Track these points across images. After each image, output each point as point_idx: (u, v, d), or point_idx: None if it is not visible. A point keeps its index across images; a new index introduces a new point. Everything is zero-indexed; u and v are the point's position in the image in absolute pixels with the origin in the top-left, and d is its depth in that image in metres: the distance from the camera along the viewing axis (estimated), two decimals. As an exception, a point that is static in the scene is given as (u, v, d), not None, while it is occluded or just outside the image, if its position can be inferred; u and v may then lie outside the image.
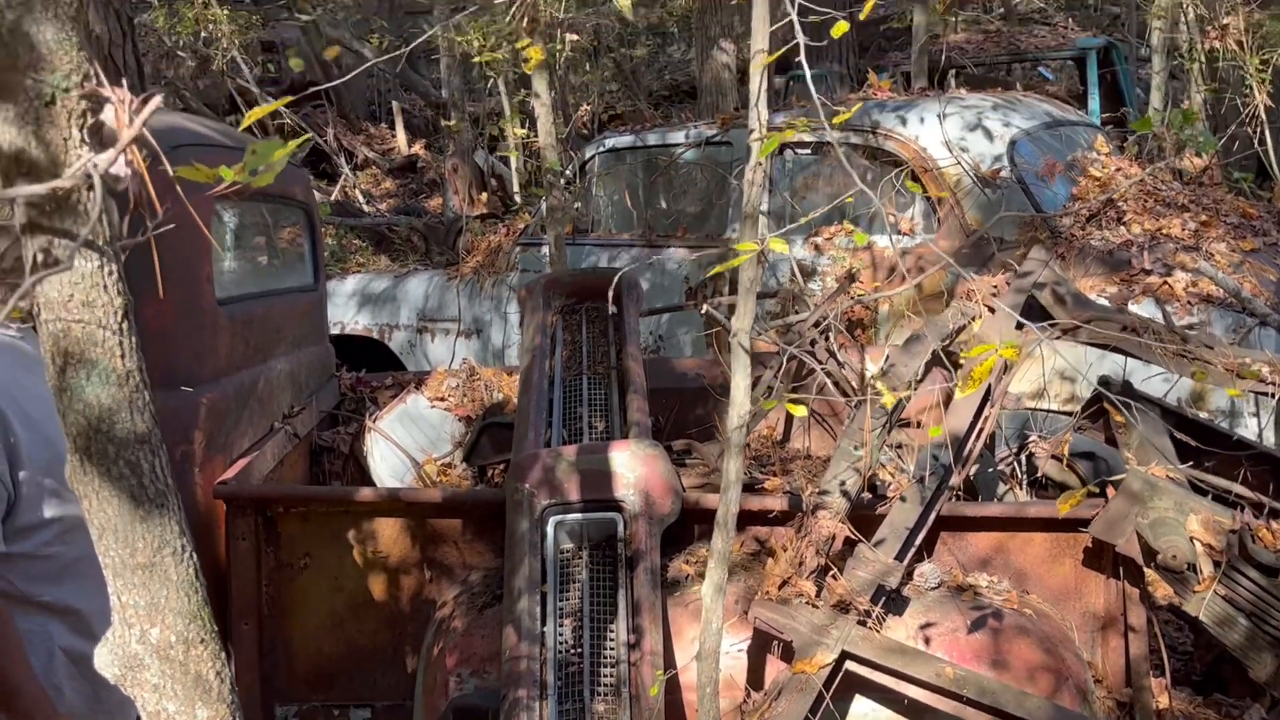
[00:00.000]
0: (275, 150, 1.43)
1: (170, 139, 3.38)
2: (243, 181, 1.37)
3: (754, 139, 2.33)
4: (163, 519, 1.44)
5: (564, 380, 3.87)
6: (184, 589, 1.47)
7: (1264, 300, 4.69)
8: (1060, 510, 2.77)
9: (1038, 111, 5.82)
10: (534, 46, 2.31)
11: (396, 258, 9.98)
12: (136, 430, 1.37)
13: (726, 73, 8.84)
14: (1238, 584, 3.03)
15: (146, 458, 1.39)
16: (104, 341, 1.30)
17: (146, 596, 1.43)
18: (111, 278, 1.30)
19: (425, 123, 15.24)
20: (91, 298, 1.28)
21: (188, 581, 1.48)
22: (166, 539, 1.45)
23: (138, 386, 1.38)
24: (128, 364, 1.35)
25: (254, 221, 4.46)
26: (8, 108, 1.17)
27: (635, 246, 6.15)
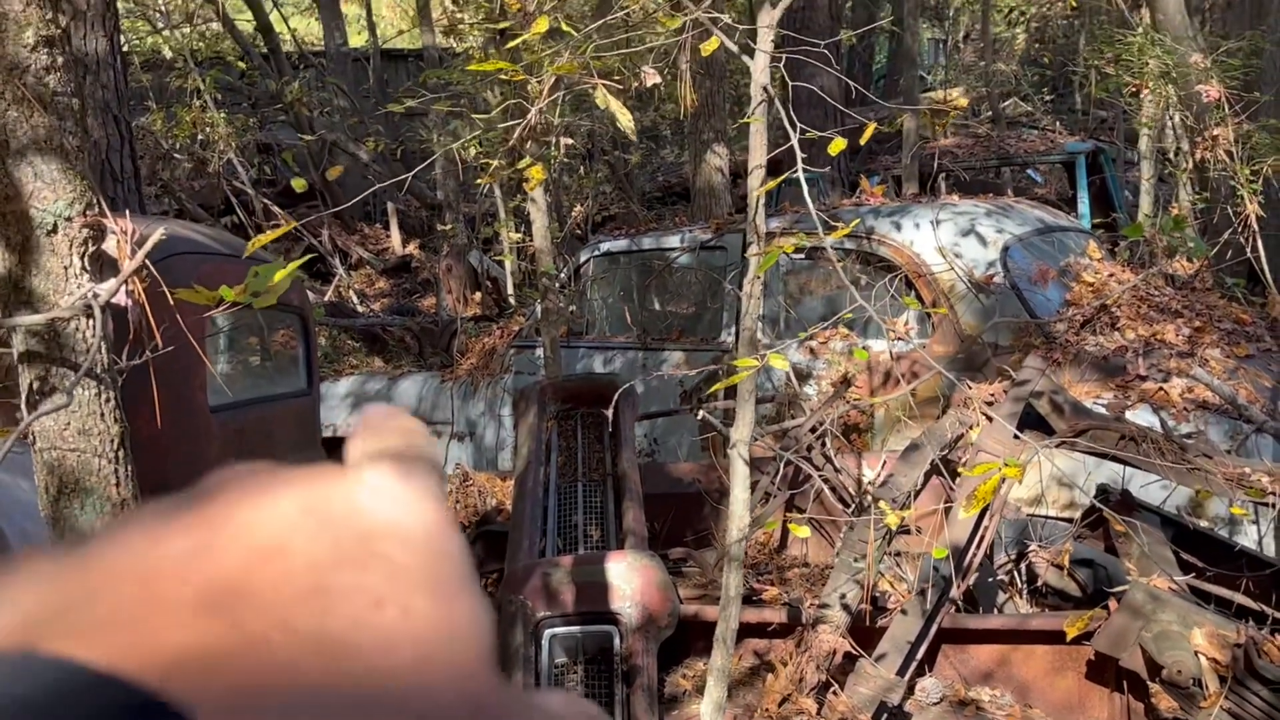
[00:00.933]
0: (276, 272, 1.42)
1: (162, 250, 3.37)
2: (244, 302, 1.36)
3: (752, 253, 2.33)
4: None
5: (559, 487, 3.84)
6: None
7: (1260, 407, 4.68)
8: (1069, 632, 2.73)
9: (1030, 217, 5.87)
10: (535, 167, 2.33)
11: (390, 359, 9.97)
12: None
13: (719, 176, 8.93)
14: (1245, 700, 2.98)
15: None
16: (99, 470, 1.27)
17: None
18: (109, 405, 1.28)
19: (420, 223, 15.34)
20: (88, 426, 1.25)
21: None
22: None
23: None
24: (123, 492, 1.31)
25: (247, 326, 4.45)
26: (9, 235, 1.16)
27: (630, 349, 6.15)
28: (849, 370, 5.21)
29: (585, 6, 9.19)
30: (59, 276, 1.23)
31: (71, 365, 1.25)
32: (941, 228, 5.49)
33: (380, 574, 0.34)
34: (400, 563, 0.35)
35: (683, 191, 15.82)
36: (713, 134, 8.86)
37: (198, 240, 3.65)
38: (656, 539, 4.31)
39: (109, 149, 5.51)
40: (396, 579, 0.34)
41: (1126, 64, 5.49)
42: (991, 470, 1.90)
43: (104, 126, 5.52)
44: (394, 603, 0.34)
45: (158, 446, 3.22)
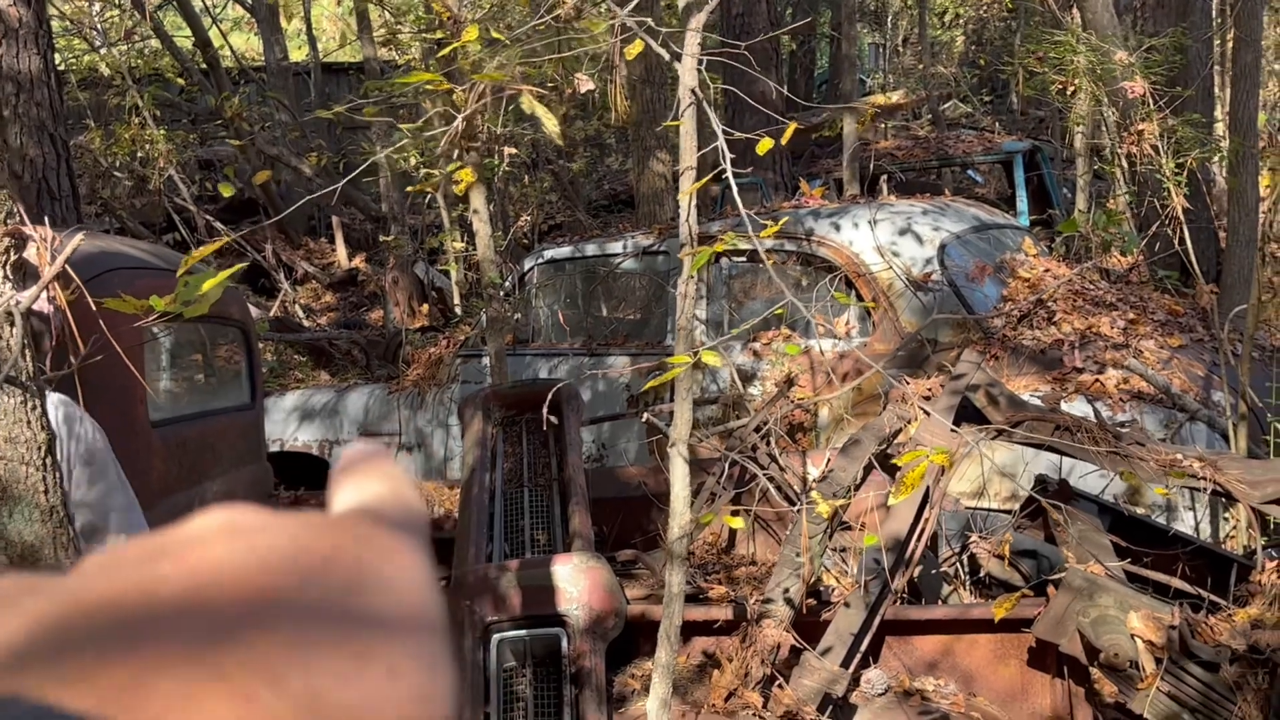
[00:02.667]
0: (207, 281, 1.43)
1: (97, 265, 3.36)
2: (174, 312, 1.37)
3: (685, 253, 2.37)
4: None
5: (505, 493, 3.85)
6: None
7: (1193, 396, 4.78)
8: (996, 614, 2.78)
9: (966, 215, 5.96)
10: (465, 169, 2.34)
11: (337, 372, 9.93)
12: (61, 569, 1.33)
13: (662, 182, 8.98)
14: (1181, 680, 3.04)
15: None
16: (27, 478, 1.28)
17: None
18: (35, 413, 1.29)
19: (365, 236, 15.27)
20: (14, 434, 1.26)
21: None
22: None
23: (61, 522, 1.35)
24: (51, 499, 1.32)
25: (189, 341, 4.43)
26: (-70, 246, 1.17)
27: (576, 355, 6.17)
28: (792, 370, 5.26)
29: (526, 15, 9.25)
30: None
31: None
32: (879, 227, 5.56)
33: (366, 629, 0.34)
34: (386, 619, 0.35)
35: (628, 199, 15.87)
36: (655, 141, 8.91)
37: (134, 255, 3.63)
38: (605, 542, 4.33)
39: (45, 167, 5.46)
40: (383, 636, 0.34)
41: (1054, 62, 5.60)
42: (920, 457, 1.94)
43: (40, 145, 5.47)
44: (380, 660, 0.33)
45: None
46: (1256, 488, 3.43)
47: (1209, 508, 4.59)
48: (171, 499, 3.59)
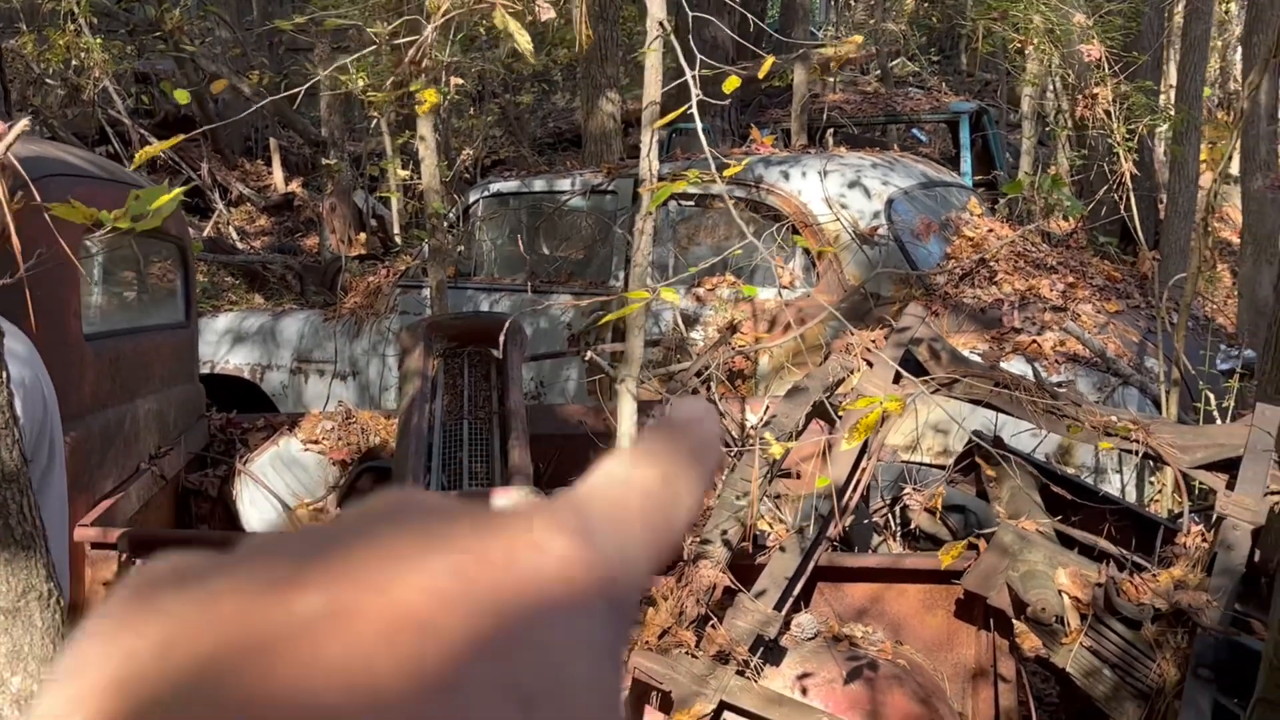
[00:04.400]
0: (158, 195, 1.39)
1: (39, 168, 3.26)
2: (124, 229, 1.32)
3: (645, 189, 2.34)
4: (29, 562, 1.36)
5: (444, 425, 3.82)
6: (49, 635, 1.39)
7: (1127, 361, 4.86)
8: (943, 561, 2.82)
9: (914, 172, 5.97)
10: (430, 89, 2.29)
11: (271, 296, 9.78)
12: (4, 468, 1.30)
13: (611, 122, 8.90)
14: (1103, 636, 3.11)
15: (14, 497, 1.32)
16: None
17: (8, 643, 1.35)
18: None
19: (303, 160, 15.02)
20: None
21: (54, 628, 1.40)
22: (32, 583, 1.37)
23: (7, 423, 1.31)
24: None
25: (124, 256, 4.33)
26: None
27: (518, 292, 6.13)
28: (735, 316, 5.27)
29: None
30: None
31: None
32: (829, 179, 5.56)
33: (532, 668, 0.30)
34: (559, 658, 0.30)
35: (574, 138, 15.75)
36: (606, 80, 8.82)
37: (72, 162, 3.52)
38: (542, 478, 4.32)
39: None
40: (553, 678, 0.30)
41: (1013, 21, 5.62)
42: (873, 404, 1.95)
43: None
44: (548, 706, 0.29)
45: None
46: (1187, 452, 3.50)
47: (1135, 471, 4.68)
48: (104, 413, 3.52)
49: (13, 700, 1.36)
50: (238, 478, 4.30)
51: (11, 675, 1.36)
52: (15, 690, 1.36)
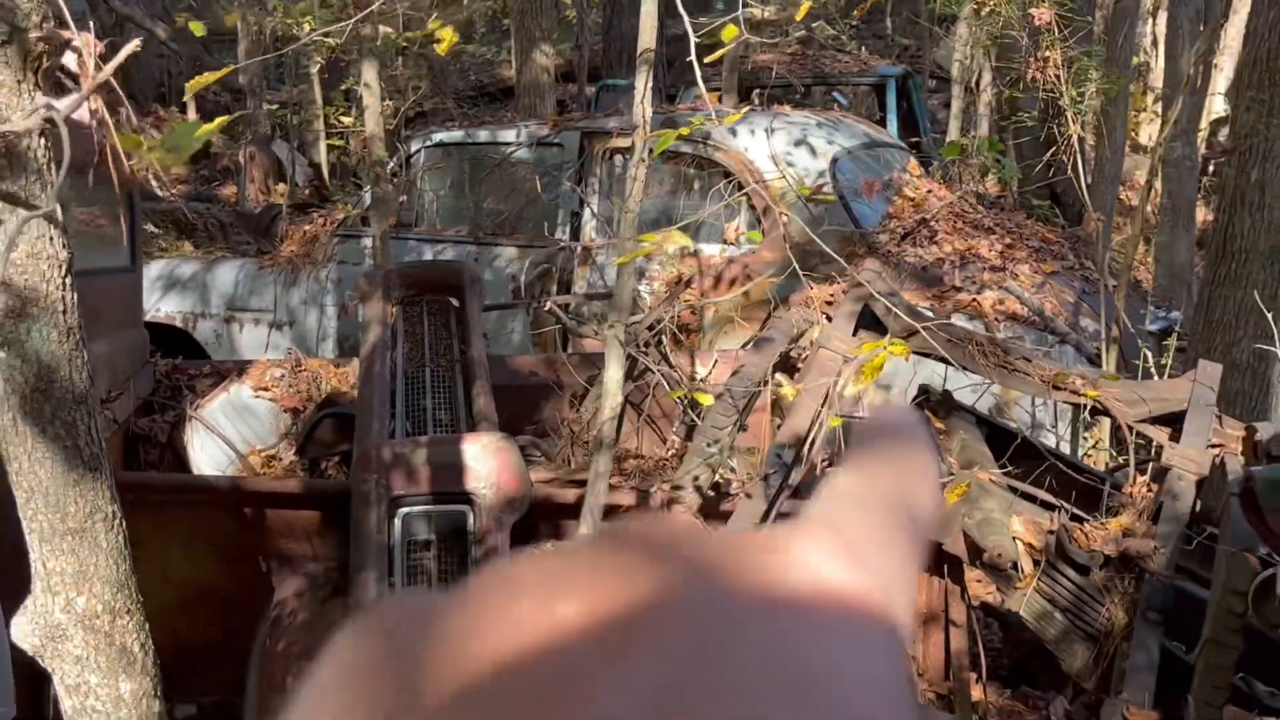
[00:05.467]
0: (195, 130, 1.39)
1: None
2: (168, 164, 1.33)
3: (640, 136, 2.37)
4: (96, 483, 1.36)
5: (406, 372, 3.82)
6: (113, 556, 1.40)
7: (1063, 320, 5.00)
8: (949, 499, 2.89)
9: (858, 131, 6.06)
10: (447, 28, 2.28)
11: (200, 244, 9.61)
12: (75, 389, 1.30)
13: (545, 75, 8.86)
14: (1055, 582, 3.24)
15: (83, 419, 1.32)
16: (47, 295, 1.23)
17: (75, 563, 1.35)
18: (57, 230, 1.24)
19: (220, 108, 14.70)
20: (38, 249, 1.20)
21: (117, 549, 1.40)
22: (99, 504, 1.38)
23: (78, 344, 1.30)
24: (69, 320, 1.28)
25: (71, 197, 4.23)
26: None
27: (462, 243, 6.10)
28: (684, 271, 5.32)
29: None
30: (11, 91, 1.17)
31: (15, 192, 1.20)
32: (775, 136, 5.62)
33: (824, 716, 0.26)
34: (856, 705, 0.27)
35: (495, 91, 15.63)
36: (541, 32, 8.77)
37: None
38: (496, 429, 4.34)
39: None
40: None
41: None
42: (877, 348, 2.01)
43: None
44: None
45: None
46: (1132, 407, 3.63)
47: (1071, 428, 4.83)
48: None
49: (78, 620, 1.36)
50: (188, 424, 4.26)
51: (77, 595, 1.36)
52: (80, 610, 1.36)
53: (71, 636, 1.35)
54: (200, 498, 3.33)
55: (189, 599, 3.35)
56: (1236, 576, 2.88)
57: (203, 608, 3.36)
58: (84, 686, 1.34)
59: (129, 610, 1.46)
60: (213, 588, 3.36)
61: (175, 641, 3.35)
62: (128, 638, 1.44)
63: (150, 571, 3.32)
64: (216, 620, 3.35)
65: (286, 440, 4.34)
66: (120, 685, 1.35)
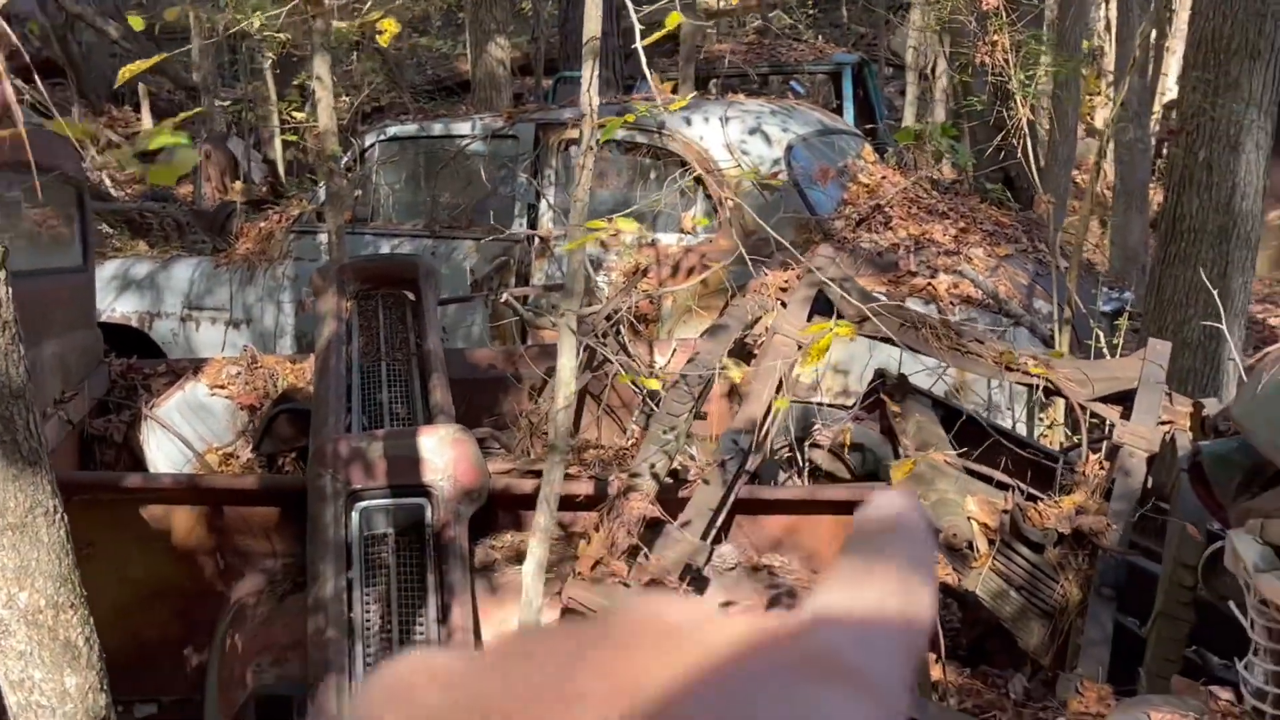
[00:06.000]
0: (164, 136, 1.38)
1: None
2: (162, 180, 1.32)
3: (588, 124, 2.37)
4: (36, 478, 1.35)
5: (362, 366, 3.81)
6: (55, 551, 1.39)
7: (1017, 302, 5.05)
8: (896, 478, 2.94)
9: (811, 119, 6.08)
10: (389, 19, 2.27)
11: (155, 244, 9.52)
12: (12, 384, 1.29)
13: (500, 68, 8.84)
14: (1010, 560, 3.27)
15: (20, 413, 1.31)
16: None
17: (16, 559, 1.35)
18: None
19: (174, 106, 14.56)
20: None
21: (59, 544, 1.40)
22: (39, 499, 1.37)
23: (14, 339, 1.30)
24: (4, 314, 1.27)
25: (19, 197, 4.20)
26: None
27: (418, 237, 6.08)
28: (641, 261, 5.32)
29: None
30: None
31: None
32: (730, 125, 5.63)
33: None
34: None
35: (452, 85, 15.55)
36: (495, 24, 8.74)
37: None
38: (454, 421, 4.34)
39: None
40: None
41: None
42: (823, 330, 2.02)
43: None
44: None
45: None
46: (1084, 386, 3.68)
47: (1027, 407, 4.88)
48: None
49: (20, 615, 1.36)
50: (143, 423, 4.24)
51: (19, 590, 1.36)
52: (23, 605, 1.36)
53: (14, 632, 1.35)
54: (156, 496, 3.31)
55: (147, 597, 3.34)
56: (1186, 550, 2.93)
57: (161, 606, 3.35)
58: (28, 682, 1.34)
59: (72, 605, 1.45)
60: (171, 586, 3.34)
61: (134, 640, 3.34)
62: (72, 632, 1.44)
63: (108, 570, 3.32)
64: (175, 618, 3.34)
65: (243, 438, 4.32)
66: (65, 680, 1.35)
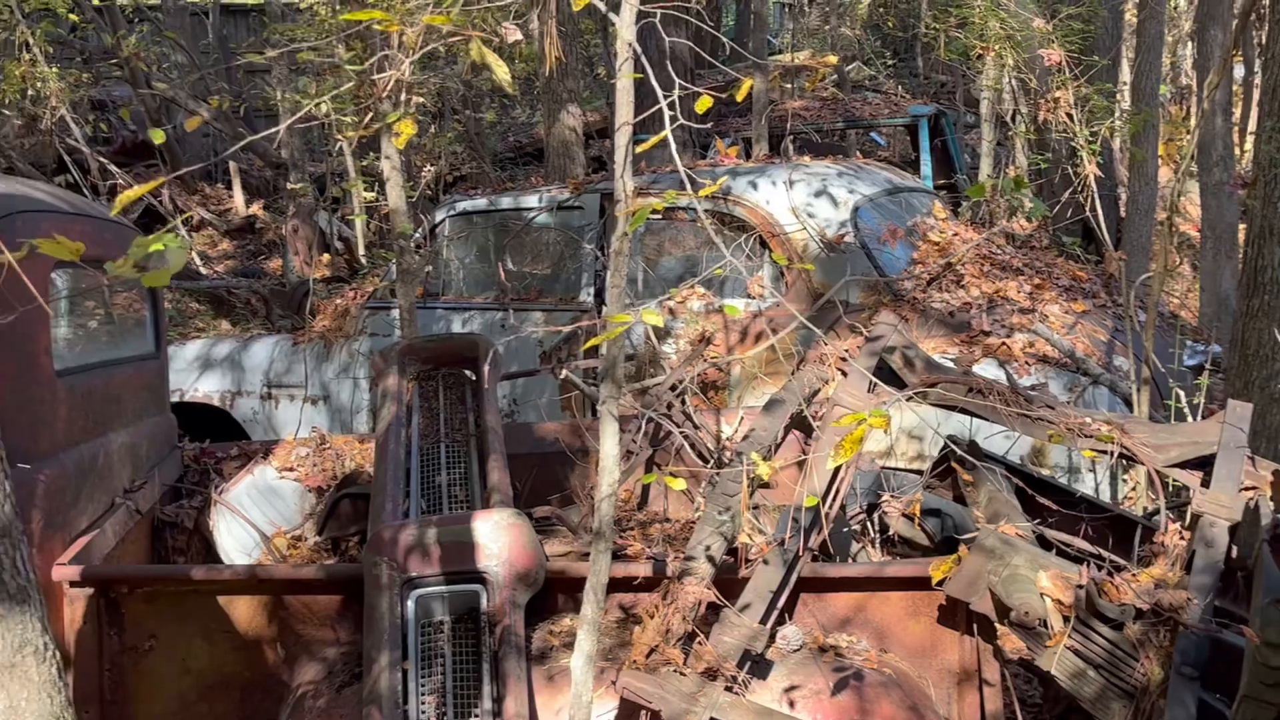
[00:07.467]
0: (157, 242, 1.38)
1: (6, 205, 3.24)
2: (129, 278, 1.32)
3: (620, 211, 2.35)
4: (24, 616, 1.34)
5: (421, 448, 3.81)
6: (46, 690, 1.38)
7: (1096, 360, 4.90)
8: (934, 577, 2.83)
9: (879, 178, 6.01)
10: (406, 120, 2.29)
11: (238, 322, 9.72)
12: None
13: (573, 135, 8.92)
14: (1087, 637, 3.13)
15: (7, 552, 1.31)
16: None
17: (5, 699, 1.33)
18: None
19: (264, 183, 14.94)
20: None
21: (50, 682, 1.38)
22: (28, 638, 1.36)
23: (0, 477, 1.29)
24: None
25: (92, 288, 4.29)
26: None
27: (488, 310, 6.12)
28: (708, 329, 5.28)
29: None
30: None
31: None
32: (795, 188, 5.59)
33: None
34: None
35: (534, 152, 15.73)
36: (567, 94, 8.83)
37: (40, 198, 3.49)
38: (519, 498, 4.32)
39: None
40: None
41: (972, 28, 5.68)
42: (857, 421, 1.96)
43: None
44: None
45: (2, 413, 3.09)
46: (1161, 451, 3.53)
47: (1109, 470, 4.72)
48: (77, 450, 3.49)
49: (11, 756, 1.34)
50: (214, 508, 4.28)
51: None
52: (13, 746, 1.34)
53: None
54: (217, 586, 3.32)
55: (209, 688, 3.34)
56: (1271, 629, 2.78)
57: (223, 697, 3.35)
58: (21, 824, 1.32)
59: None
60: (232, 676, 3.35)
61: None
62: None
63: (170, 662, 3.34)
64: (235, 710, 3.34)
65: (310, 521, 4.34)
66: (59, 820, 1.33)
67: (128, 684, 3.31)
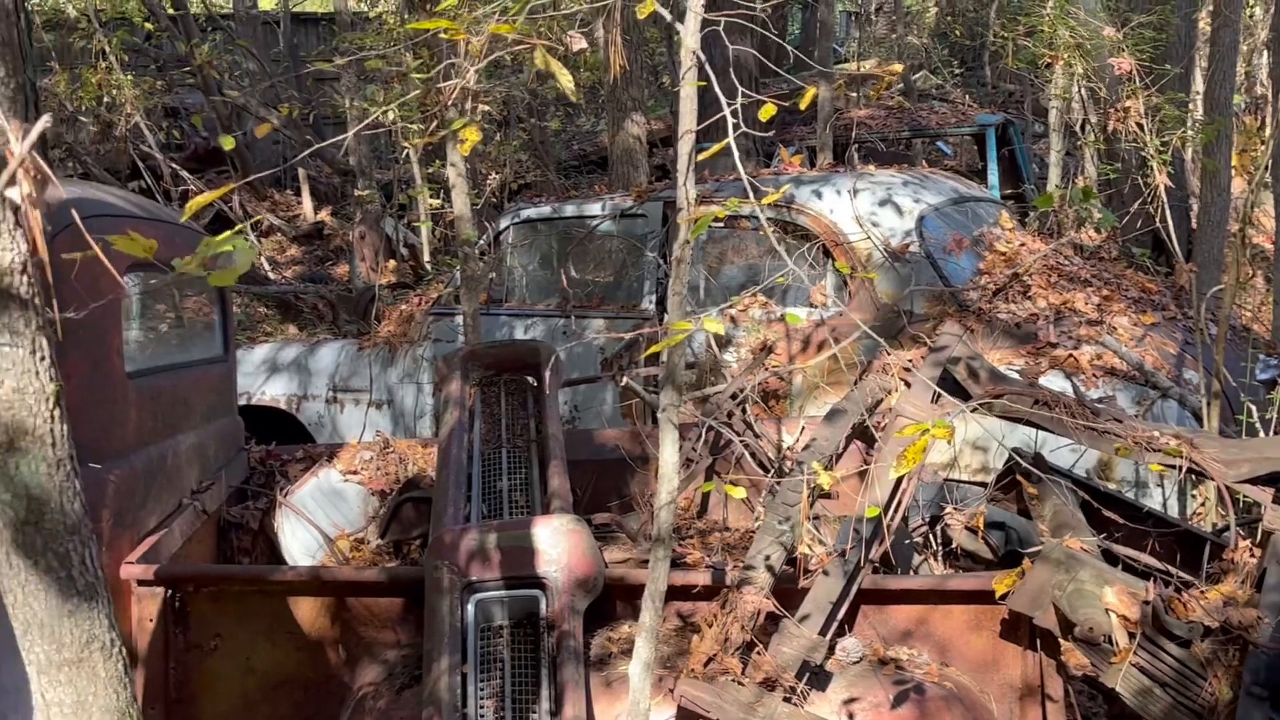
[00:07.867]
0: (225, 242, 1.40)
1: (81, 209, 3.30)
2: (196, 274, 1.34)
3: (682, 219, 2.35)
4: (92, 612, 1.37)
5: (483, 454, 3.83)
6: (112, 685, 1.40)
7: (1165, 373, 4.82)
8: (997, 590, 2.80)
9: (945, 187, 5.96)
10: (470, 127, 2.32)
11: (305, 326, 9.85)
12: (67, 520, 1.31)
13: (637, 144, 8.94)
14: (1153, 655, 3.08)
15: (76, 549, 1.34)
16: (35, 429, 1.25)
17: (73, 694, 1.36)
18: (43, 363, 1.26)
19: (332, 189, 15.12)
20: (23, 384, 1.23)
21: (116, 678, 1.41)
22: (95, 634, 1.39)
23: (69, 475, 1.32)
24: (59, 452, 1.29)
25: (161, 291, 4.37)
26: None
27: (551, 317, 6.15)
28: (769, 337, 5.26)
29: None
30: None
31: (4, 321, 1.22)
32: (859, 197, 5.56)
33: None
34: None
35: (598, 160, 15.78)
36: (631, 102, 8.86)
37: (113, 203, 3.56)
38: (579, 505, 4.33)
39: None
40: None
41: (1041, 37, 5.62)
42: (920, 431, 1.94)
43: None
44: None
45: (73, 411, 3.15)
46: (1231, 466, 3.46)
47: (1177, 485, 4.64)
48: (147, 450, 3.55)
49: (77, 751, 1.37)
50: (279, 510, 4.33)
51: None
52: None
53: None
54: (281, 587, 3.37)
55: (272, 688, 3.38)
56: (1343, 649, 2.72)
57: (285, 697, 3.39)
58: (85, 818, 1.34)
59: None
60: (294, 677, 3.38)
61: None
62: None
63: (234, 662, 3.38)
64: (297, 710, 3.37)
65: (373, 524, 4.38)
66: (123, 814, 1.35)
67: (192, 682, 3.36)
